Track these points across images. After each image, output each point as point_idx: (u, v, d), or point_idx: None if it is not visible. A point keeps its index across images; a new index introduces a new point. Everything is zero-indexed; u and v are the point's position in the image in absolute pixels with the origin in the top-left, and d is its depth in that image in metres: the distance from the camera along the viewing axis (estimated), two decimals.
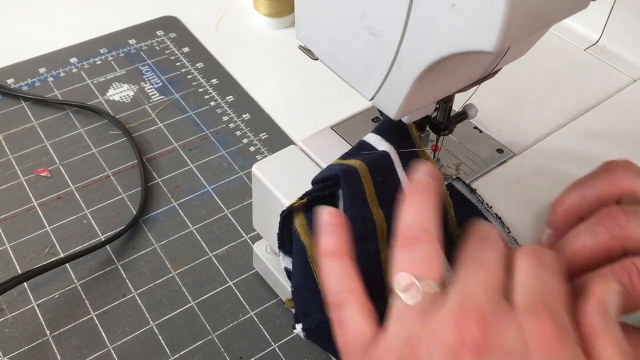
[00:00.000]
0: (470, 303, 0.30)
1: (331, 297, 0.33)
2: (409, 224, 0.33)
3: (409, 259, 0.32)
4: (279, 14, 0.69)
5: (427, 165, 0.35)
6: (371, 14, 0.32)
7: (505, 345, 0.28)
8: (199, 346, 0.43)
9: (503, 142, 0.50)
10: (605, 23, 0.59)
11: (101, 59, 0.65)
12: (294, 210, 0.39)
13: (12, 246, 0.49)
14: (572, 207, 0.37)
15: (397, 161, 0.39)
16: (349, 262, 0.34)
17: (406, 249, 0.32)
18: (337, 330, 0.33)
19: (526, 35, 0.28)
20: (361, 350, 0.32)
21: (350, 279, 0.33)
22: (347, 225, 0.35)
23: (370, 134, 0.40)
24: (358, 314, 0.32)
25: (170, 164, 0.55)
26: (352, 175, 0.37)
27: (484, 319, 0.29)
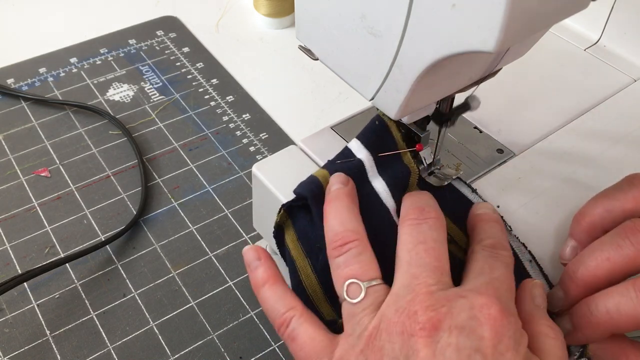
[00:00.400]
0: (421, 288, 0.31)
1: (278, 320, 0.34)
2: (334, 229, 0.35)
3: (343, 263, 0.34)
4: (279, 14, 0.69)
5: (338, 176, 0.37)
6: (371, 14, 0.32)
7: (458, 322, 0.30)
8: (199, 346, 0.43)
9: (503, 142, 0.50)
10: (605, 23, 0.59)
11: (101, 59, 0.65)
12: (284, 226, 0.40)
13: (12, 246, 0.49)
14: (596, 219, 0.37)
15: (372, 169, 0.39)
16: (283, 285, 0.36)
17: (338, 254, 0.34)
18: (292, 346, 0.34)
19: (526, 36, 0.28)
20: (319, 355, 0.33)
21: (290, 297, 0.35)
22: None
23: (353, 140, 0.41)
24: (307, 324, 0.34)
25: (170, 164, 0.55)
26: (319, 195, 0.38)
27: (437, 302, 0.31)
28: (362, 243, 0.34)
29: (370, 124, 0.41)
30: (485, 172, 0.47)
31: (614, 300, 0.32)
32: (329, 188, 0.37)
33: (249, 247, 0.37)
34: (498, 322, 0.30)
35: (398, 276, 0.33)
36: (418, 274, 0.32)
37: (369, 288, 0.33)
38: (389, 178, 0.39)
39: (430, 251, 0.33)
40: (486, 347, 0.29)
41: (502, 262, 0.34)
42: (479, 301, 0.31)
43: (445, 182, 0.43)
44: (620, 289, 0.32)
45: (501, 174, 0.47)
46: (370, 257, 0.34)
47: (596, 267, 0.34)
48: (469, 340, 0.29)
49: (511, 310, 0.31)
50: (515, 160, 0.48)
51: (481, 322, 0.30)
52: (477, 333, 0.29)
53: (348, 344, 0.32)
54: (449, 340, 0.29)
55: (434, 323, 0.30)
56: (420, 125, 0.42)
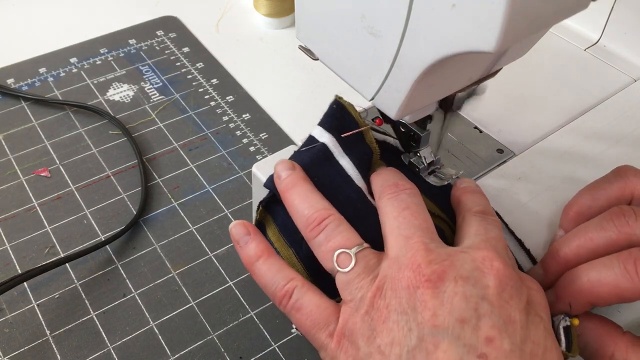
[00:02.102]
0: (420, 245, 0.32)
1: (279, 293, 0.34)
2: (305, 213, 0.35)
3: (324, 239, 0.34)
4: (279, 14, 0.69)
5: (282, 163, 0.38)
6: (371, 14, 0.32)
7: (463, 273, 0.31)
8: (199, 346, 0.43)
9: (503, 142, 0.50)
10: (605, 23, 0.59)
11: (101, 59, 0.65)
12: (264, 222, 0.40)
13: (12, 246, 0.49)
14: (582, 207, 0.39)
15: (337, 150, 0.40)
16: (277, 258, 0.36)
17: (317, 233, 0.34)
18: (297, 317, 0.34)
19: (526, 36, 0.28)
20: (327, 321, 0.33)
21: (287, 269, 0.35)
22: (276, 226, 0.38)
23: (315, 127, 0.41)
24: (311, 293, 0.34)
25: (170, 164, 0.55)
26: None
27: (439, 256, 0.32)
28: (336, 217, 0.35)
29: (329, 109, 0.42)
30: (485, 172, 0.47)
31: (596, 271, 0.33)
32: (278, 177, 0.37)
33: (237, 223, 0.37)
34: (501, 272, 0.31)
35: (391, 241, 0.34)
36: (411, 235, 0.33)
37: (357, 253, 0.33)
38: (354, 158, 0.40)
39: (416, 215, 0.34)
40: (492, 295, 0.30)
41: (494, 225, 0.35)
42: (480, 254, 0.32)
43: (445, 182, 0.43)
44: (605, 261, 0.33)
45: (501, 174, 0.47)
46: (348, 227, 0.35)
47: (579, 247, 0.35)
48: (474, 289, 0.30)
49: (510, 263, 0.32)
50: (515, 160, 0.48)
51: (485, 272, 0.31)
52: (482, 282, 0.30)
53: (351, 309, 0.32)
54: (456, 290, 0.30)
55: (439, 274, 0.30)
56: (421, 125, 0.42)
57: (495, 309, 0.30)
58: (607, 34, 0.60)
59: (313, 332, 0.33)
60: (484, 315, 0.29)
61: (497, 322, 0.29)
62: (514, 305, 0.30)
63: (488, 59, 0.36)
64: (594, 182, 0.39)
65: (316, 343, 0.33)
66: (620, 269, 0.32)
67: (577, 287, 0.33)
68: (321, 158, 0.39)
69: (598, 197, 0.38)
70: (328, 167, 0.39)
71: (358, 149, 0.40)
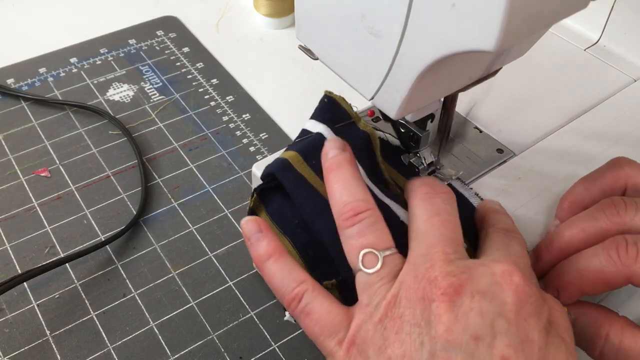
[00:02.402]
0: (440, 255, 0.31)
1: (288, 296, 0.33)
2: (343, 200, 0.34)
3: (357, 233, 0.33)
4: (279, 14, 0.69)
5: (334, 141, 0.36)
6: (371, 14, 0.32)
7: (480, 287, 0.29)
8: (199, 346, 0.43)
9: (503, 142, 0.50)
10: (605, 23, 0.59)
11: (101, 59, 0.65)
12: (256, 211, 0.40)
13: (12, 246, 0.49)
14: (577, 198, 0.39)
15: (331, 137, 0.40)
16: (289, 258, 0.35)
17: (351, 224, 0.33)
18: (306, 321, 0.33)
19: (526, 35, 0.28)
20: (337, 328, 0.32)
21: (298, 271, 0.34)
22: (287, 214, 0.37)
23: (308, 120, 0.42)
24: (321, 297, 0.33)
25: (170, 164, 0.55)
26: (286, 167, 0.38)
27: (457, 269, 0.30)
28: (374, 213, 0.34)
29: (320, 104, 0.42)
30: (485, 172, 0.47)
31: (583, 260, 0.34)
32: (325, 155, 0.36)
33: (249, 219, 0.36)
34: (520, 288, 0.30)
35: (414, 246, 0.33)
36: (435, 243, 0.32)
37: (385, 257, 0.32)
38: (350, 144, 0.40)
39: (445, 223, 0.33)
40: (509, 312, 0.29)
41: (517, 242, 0.34)
42: (500, 268, 0.30)
43: (445, 182, 0.43)
44: (591, 249, 0.34)
45: (501, 174, 0.47)
46: (384, 227, 0.33)
47: (571, 237, 0.36)
48: (492, 305, 0.29)
49: (532, 279, 0.31)
50: (515, 160, 0.48)
51: (503, 287, 0.30)
52: (499, 298, 0.29)
53: (365, 315, 0.31)
54: (472, 305, 0.29)
55: (455, 288, 0.29)
56: (421, 125, 0.42)
57: (512, 327, 0.28)
58: (607, 34, 0.60)
59: (322, 338, 0.32)
60: (500, 333, 0.28)
61: (513, 340, 0.28)
62: (532, 323, 0.29)
63: (488, 59, 0.36)
64: (590, 173, 0.40)
65: (324, 350, 0.32)
66: (605, 255, 0.33)
67: (566, 278, 0.34)
68: (317, 145, 0.39)
69: (592, 187, 0.39)
70: None
71: (352, 135, 0.40)
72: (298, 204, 0.37)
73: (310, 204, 0.37)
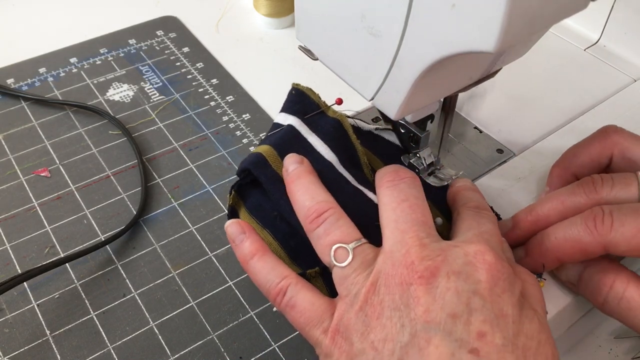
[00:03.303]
0: (414, 240, 0.32)
1: (273, 291, 0.35)
2: (306, 205, 0.35)
3: (323, 232, 0.34)
4: (279, 14, 0.69)
5: (291, 157, 0.38)
6: (371, 14, 0.32)
7: (455, 268, 0.31)
8: (199, 346, 0.43)
9: (503, 142, 0.50)
10: (605, 23, 0.59)
11: (101, 59, 0.65)
12: (236, 207, 0.41)
13: (12, 246, 0.49)
14: (565, 164, 0.42)
15: (304, 129, 0.41)
16: (272, 255, 0.36)
17: (317, 225, 0.35)
18: (291, 314, 0.34)
19: (526, 36, 0.28)
20: (321, 318, 0.33)
21: (281, 267, 0.36)
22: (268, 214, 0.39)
23: (278, 113, 0.43)
24: (304, 290, 0.34)
25: (170, 164, 0.55)
26: (261, 163, 0.39)
27: (432, 252, 0.32)
28: (336, 210, 0.35)
29: (288, 96, 0.43)
30: (485, 172, 0.47)
31: (562, 229, 0.36)
32: (286, 170, 0.38)
33: (232, 221, 0.37)
34: (493, 266, 0.31)
35: (387, 234, 0.34)
36: (407, 229, 0.33)
37: (355, 249, 0.33)
38: (321, 133, 0.41)
39: (414, 207, 0.34)
40: (483, 290, 0.30)
41: (488, 219, 0.36)
42: (473, 248, 0.32)
43: (445, 182, 0.43)
44: (570, 220, 0.36)
45: (501, 174, 0.47)
46: (347, 222, 0.35)
47: (550, 209, 0.38)
48: (466, 284, 0.30)
49: (503, 256, 0.33)
50: (515, 160, 0.48)
51: (477, 267, 0.31)
52: (474, 277, 0.31)
53: (346, 304, 0.33)
54: (448, 285, 0.30)
55: (431, 271, 0.31)
56: (420, 125, 0.42)
57: (487, 304, 0.30)
58: (607, 34, 0.60)
59: (307, 329, 0.33)
60: (476, 310, 0.29)
61: (488, 316, 0.29)
62: (506, 299, 0.30)
63: (488, 59, 0.36)
64: (579, 142, 0.42)
65: (311, 340, 0.34)
66: (583, 225, 0.35)
67: (545, 247, 0.37)
68: (290, 137, 0.41)
69: (580, 155, 0.41)
70: (297, 145, 0.40)
71: (323, 124, 0.41)
72: (274, 200, 0.38)
73: (287, 199, 0.38)
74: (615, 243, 0.34)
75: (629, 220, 0.34)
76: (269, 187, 0.38)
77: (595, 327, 0.46)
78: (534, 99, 0.54)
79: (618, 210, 0.35)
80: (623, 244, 0.34)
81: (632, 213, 0.34)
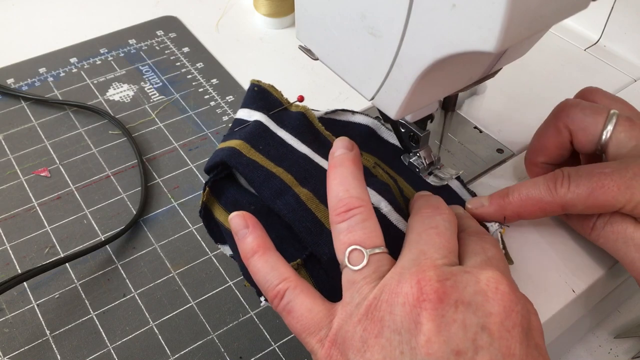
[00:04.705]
0: (427, 262, 0.31)
1: (271, 293, 0.33)
2: (338, 195, 0.34)
3: (346, 229, 0.33)
4: (279, 14, 0.69)
5: (342, 140, 0.37)
6: (371, 14, 0.32)
7: (465, 297, 0.29)
8: (199, 346, 0.43)
9: (503, 142, 0.50)
10: (605, 23, 0.59)
11: (101, 59, 0.65)
12: (208, 204, 0.40)
13: (12, 246, 0.49)
14: (533, 154, 0.43)
15: (272, 124, 0.41)
16: (274, 254, 0.35)
17: (342, 220, 0.33)
18: (288, 319, 0.33)
19: (526, 36, 0.28)
20: (318, 326, 0.32)
21: (282, 267, 0.34)
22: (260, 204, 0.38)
23: (240, 110, 0.43)
24: (303, 295, 0.33)
25: (170, 164, 0.55)
26: (236, 154, 0.39)
27: (442, 275, 0.30)
28: (367, 210, 0.34)
29: (250, 93, 0.43)
30: (485, 171, 0.47)
31: (525, 188, 0.39)
32: (332, 153, 0.36)
33: (236, 214, 0.36)
34: (507, 297, 0.29)
35: (405, 252, 0.33)
36: (426, 250, 0.32)
37: (371, 256, 0.32)
38: (289, 128, 0.41)
39: (441, 235, 0.33)
40: (493, 324, 0.28)
41: (491, 244, 0.35)
42: (486, 275, 0.30)
43: (445, 182, 0.43)
44: (533, 180, 0.39)
45: (501, 174, 0.47)
46: (374, 225, 0.33)
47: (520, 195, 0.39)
48: (475, 317, 0.29)
49: (516, 285, 0.31)
50: (515, 160, 0.48)
51: (488, 297, 0.29)
52: (484, 309, 0.29)
53: (346, 313, 0.31)
54: (455, 316, 0.28)
55: (439, 295, 0.29)
56: (421, 125, 0.42)
57: (495, 342, 0.28)
58: (607, 34, 0.60)
59: (303, 335, 0.32)
60: (482, 348, 0.28)
61: (495, 356, 0.28)
62: (515, 335, 0.29)
63: (488, 59, 0.36)
64: (539, 128, 0.44)
65: (307, 347, 0.32)
66: (544, 185, 0.38)
67: (508, 199, 0.39)
68: (260, 131, 0.40)
69: (543, 141, 0.43)
70: (269, 139, 0.40)
71: (288, 119, 0.42)
72: (256, 187, 0.38)
73: (268, 185, 0.37)
74: (572, 203, 0.37)
75: (583, 181, 0.37)
76: (247, 175, 0.38)
77: (595, 327, 0.46)
78: (534, 99, 0.54)
79: (575, 173, 0.37)
80: (579, 204, 0.37)
81: (587, 175, 0.37)
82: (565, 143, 0.41)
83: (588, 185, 0.37)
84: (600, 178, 0.36)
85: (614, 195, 0.36)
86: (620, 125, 0.39)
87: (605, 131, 0.39)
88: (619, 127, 0.39)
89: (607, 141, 0.39)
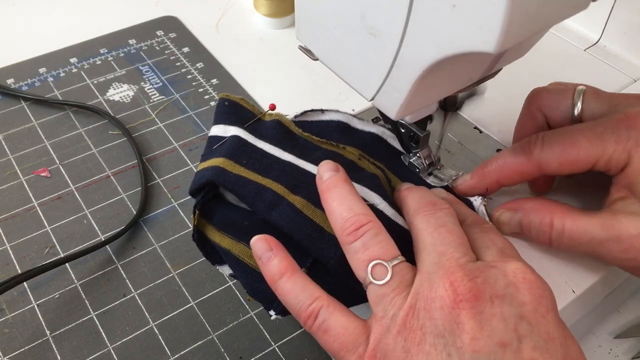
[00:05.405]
0: (451, 262, 0.32)
1: (304, 314, 0.33)
2: (343, 216, 0.34)
3: (362, 246, 0.33)
4: (279, 14, 0.69)
5: (327, 163, 0.37)
6: (371, 14, 0.32)
7: (497, 291, 0.30)
8: (199, 346, 0.43)
9: (503, 142, 0.50)
10: (605, 23, 0.59)
11: (101, 59, 0.65)
12: (200, 227, 0.40)
13: (12, 246, 0.49)
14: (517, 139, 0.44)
15: (250, 137, 0.41)
16: (302, 274, 0.34)
17: (355, 239, 0.33)
18: (324, 338, 0.32)
19: (526, 36, 0.28)
20: (355, 343, 0.32)
21: (312, 287, 0.34)
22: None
23: (213, 127, 0.43)
24: (337, 313, 0.33)
25: (170, 164, 0.55)
26: (221, 172, 0.38)
27: (471, 273, 0.31)
28: (376, 224, 0.34)
29: (221, 108, 0.43)
30: None
31: (503, 156, 0.40)
32: (320, 178, 0.36)
33: (258, 237, 0.35)
34: (534, 284, 0.30)
35: (424, 256, 0.33)
36: (444, 251, 0.32)
37: (394, 267, 0.32)
38: (268, 139, 0.41)
39: (452, 232, 0.33)
40: (528, 312, 0.29)
41: (495, 233, 0.35)
42: (511, 267, 0.31)
43: (445, 182, 0.43)
44: (511, 148, 0.40)
45: None
46: (387, 237, 0.33)
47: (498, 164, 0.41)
48: (512, 308, 0.29)
49: (535, 271, 0.32)
50: None
51: (518, 287, 0.30)
52: (517, 299, 0.30)
53: (382, 327, 0.31)
54: (493, 311, 0.29)
55: (474, 293, 0.30)
56: (421, 125, 0.42)
57: (534, 328, 0.29)
58: (607, 34, 0.60)
59: (342, 354, 0.32)
60: (525, 337, 0.28)
61: (538, 342, 0.28)
62: (550, 319, 0.30)
63: (488, 60, 0.36)
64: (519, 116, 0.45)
65: None
66: (520, 148, 0.39)
67: (488, 169, 0.40)
68: (239, 146, 0.40)
69: (523, 127, 0.44)
70: (251, 152, 0.40)
71: (264, 130, 0.42)
72: (248, 202, 0.37)
73: (261, 198, 0.37)
74: (547, 161, 0.38)
75: (556, 139, 0.38)
76: (238, 191, 0.37)
77: (595, 327, 0.46)
78: None
79: (549, 133, 0.39)
80: (553, 161, 0.38)
81: (560, 134, 0.38)
82: (543, 126, 0.43)
83: (561, 143, 0.38)
84: (572, 134, 0.38)
85: (586, 150, 0.37)
86: (587, 97, 0.41)
87: (575, 107, 0.41)
88: (587, 99, 0.41)
89: (580, 115, 0.41)
